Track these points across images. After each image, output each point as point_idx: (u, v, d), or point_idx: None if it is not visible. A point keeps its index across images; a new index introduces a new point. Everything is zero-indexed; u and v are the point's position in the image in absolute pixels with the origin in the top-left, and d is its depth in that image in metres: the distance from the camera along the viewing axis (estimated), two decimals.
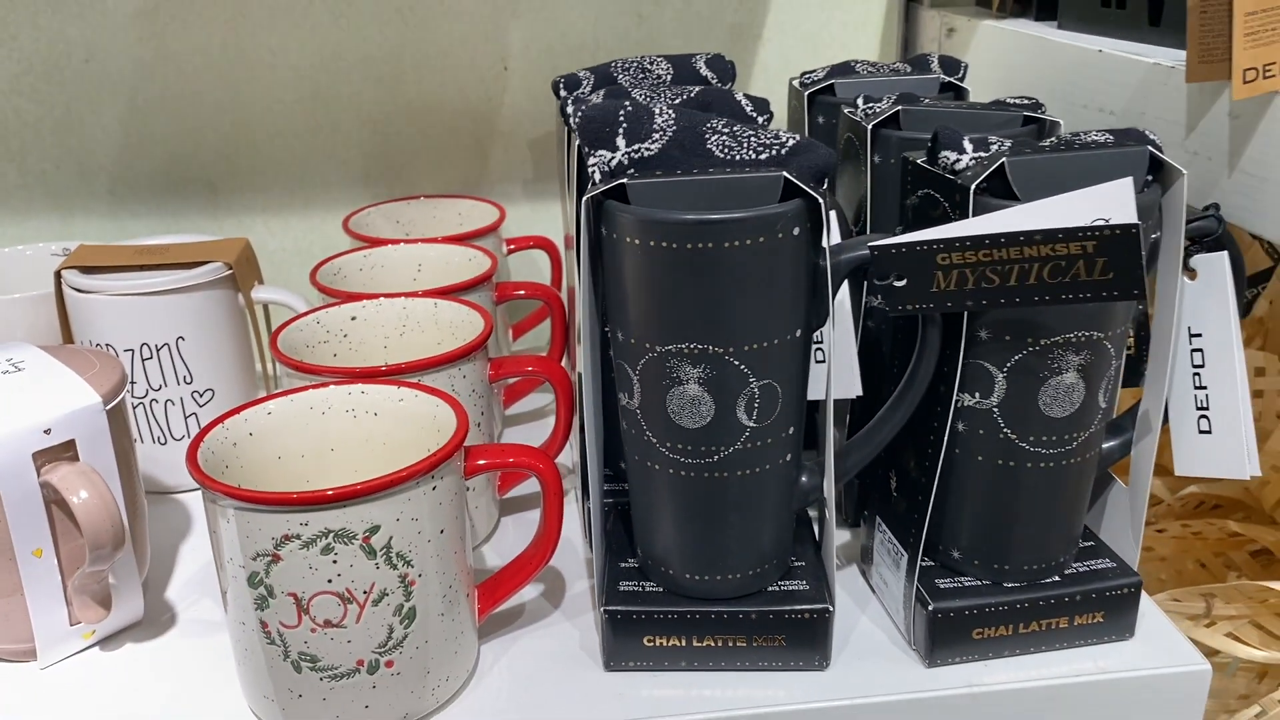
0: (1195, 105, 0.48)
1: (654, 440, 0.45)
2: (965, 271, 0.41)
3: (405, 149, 0.80)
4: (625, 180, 0.41)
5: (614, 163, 0.42)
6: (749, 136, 0.42)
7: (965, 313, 0.43)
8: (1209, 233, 0.45)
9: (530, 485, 0.61)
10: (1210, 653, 0.68)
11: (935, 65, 0.62)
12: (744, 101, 0.52)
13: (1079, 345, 0.43)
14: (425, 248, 0.68)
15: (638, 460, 0.46)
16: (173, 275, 0.60)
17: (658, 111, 0.42)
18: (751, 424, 0.44)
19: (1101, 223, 0.39)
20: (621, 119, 0.42)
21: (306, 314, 0.57)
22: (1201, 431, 0.47)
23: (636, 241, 0.41)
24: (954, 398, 0.45)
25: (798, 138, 0.42)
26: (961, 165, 0.42)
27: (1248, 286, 0.78)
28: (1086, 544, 0.50)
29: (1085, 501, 0.48)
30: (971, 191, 0.41)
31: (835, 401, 0.45)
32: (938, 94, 0.60)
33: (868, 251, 0.42)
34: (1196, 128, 0.48)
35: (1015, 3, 0.71)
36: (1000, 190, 0.42)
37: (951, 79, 0.61)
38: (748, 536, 0.46)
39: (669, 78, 0.60)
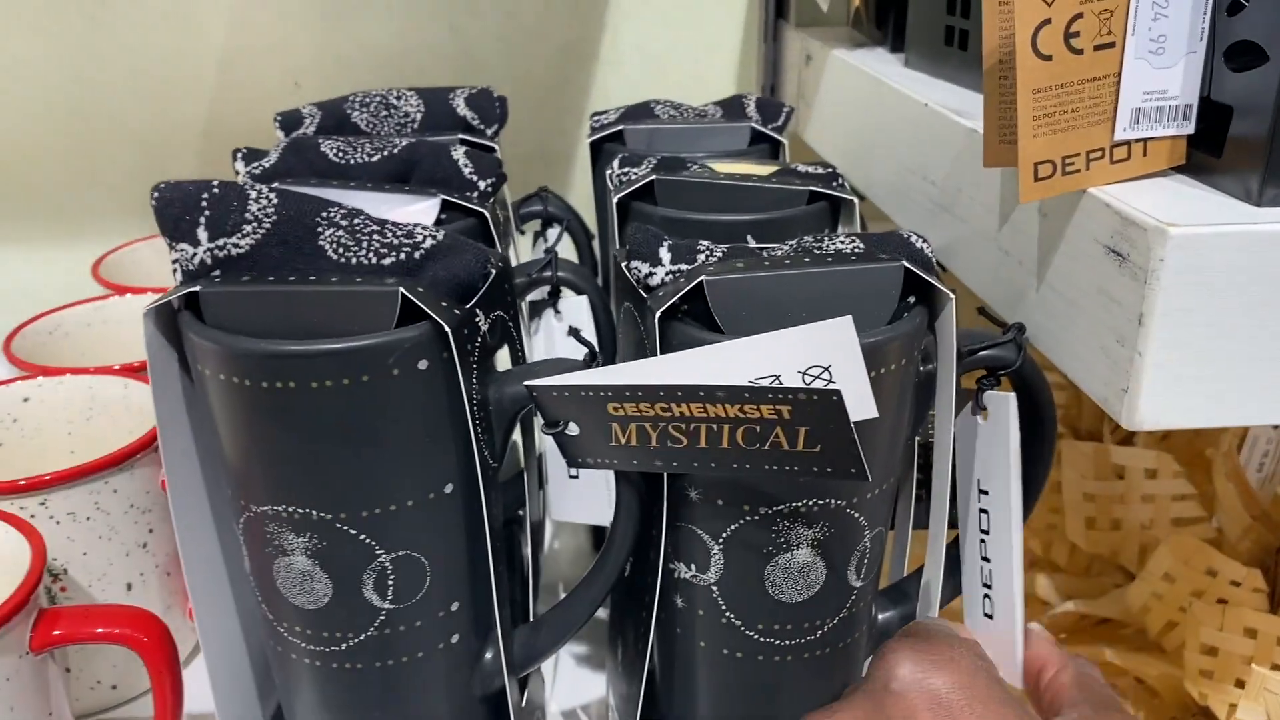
0: (1008, 191, 0.37)
1: (272, 619, 0.34)
2: (645, 426, 0.30)
3: (182, 174, 0.69)
4: (199, 288, 0.31)
5: (196, 261, 0.32)
6: (372, 233, 0.32)
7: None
8: (1004, 364, 0.35)
9: None
10: None
11: (751, 109, 0.52)
12: (462, 161, 0.41)
13: (812, 517, 0.32)
14: None
15: (265, 639, 0.36)
16: None
17: (255, 195, 0.32)
18: (388, 605, 0.33)
19: (818, 370, 0.29)
20: (204, 204, 0.31)
21: None
22: (985, 615, 0.36)
23: (208, 372, 0.31)
24: (661, 566, 0.34)
25: (440, 237, 0.32)
26: (655, 281, 0.32)
27: None
28: None
29: None
30: (657, 319, 0.30)
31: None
32: (748, 145, 0.50)
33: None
34: (1010, 219, 0.37)
35: (876, 27, 0.60)
36: (707, 316, 0.31)
37: (766, 129, 0.50)
38: None
39: (419, 117, 0.49)
